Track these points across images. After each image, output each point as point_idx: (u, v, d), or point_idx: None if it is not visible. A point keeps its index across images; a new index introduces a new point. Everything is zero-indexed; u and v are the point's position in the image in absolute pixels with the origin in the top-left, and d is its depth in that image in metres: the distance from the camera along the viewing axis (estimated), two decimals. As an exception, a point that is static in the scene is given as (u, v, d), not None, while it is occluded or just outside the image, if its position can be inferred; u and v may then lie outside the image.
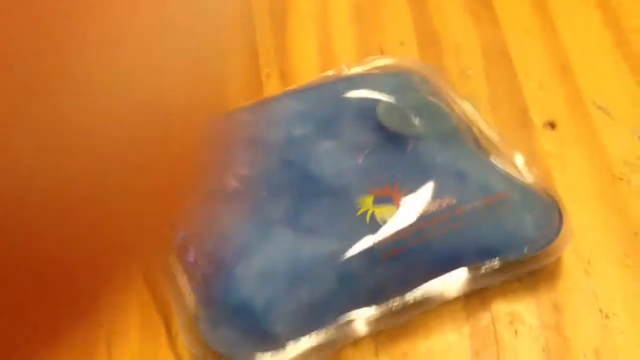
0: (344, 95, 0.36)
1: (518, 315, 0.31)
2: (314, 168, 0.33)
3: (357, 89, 0.37)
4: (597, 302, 0.31)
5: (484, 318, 0.31)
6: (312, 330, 0.29)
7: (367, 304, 0.30)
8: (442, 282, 0.31)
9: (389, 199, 0.31)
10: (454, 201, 0.31)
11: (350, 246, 0.30)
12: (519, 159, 0.35)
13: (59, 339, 0.12)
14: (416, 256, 0.30)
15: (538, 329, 0.31)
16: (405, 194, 0.32)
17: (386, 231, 0.30)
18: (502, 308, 0.31)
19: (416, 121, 0.35)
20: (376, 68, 0.40)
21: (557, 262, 0.32)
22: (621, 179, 0.36)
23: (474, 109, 0.37)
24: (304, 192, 0.32)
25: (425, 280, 0.31)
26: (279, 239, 0.30)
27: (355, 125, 0.35)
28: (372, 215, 0.31)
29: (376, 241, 0.30)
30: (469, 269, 0.31)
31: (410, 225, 0.31)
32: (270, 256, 0.30)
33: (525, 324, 0.31)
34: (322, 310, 0.29)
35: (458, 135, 0.35)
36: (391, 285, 0.30)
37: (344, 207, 0.31)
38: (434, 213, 0.31)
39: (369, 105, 0.36)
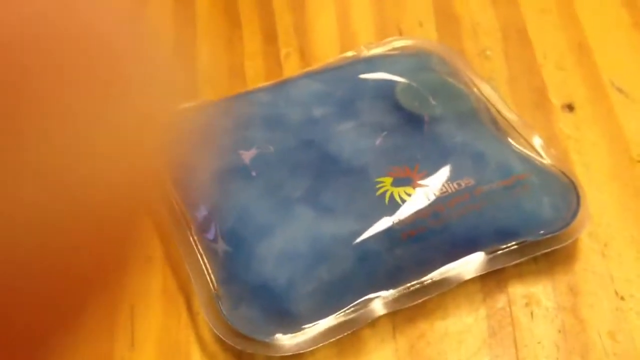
0: (362, 76, 0.37)
1: (534, 297, 0.31)
2: (333, 148, 0.33)
3: (376, 70, 0.37)
4: (613, 284, 0.32)
5: (501, 300, 0.31)
6: (332, 311, 0.29)
7: (386, 284, 0.30)
8: (459, 263, 0.31)
9: (408, 180, 0.32)
10: (473, 182, 0.32)
11: (369, 226, 0.30)
12: (537, 141, 0.35)
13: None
14: (435, 237, 0.31)
15: (554, 310, 0.31)
16: (425, 175, 0.32)
17: (405, 212, 0.31)
18: (518, 290, 0.32)
19: (435, 102, 0.35)
20: (395, 49, 0.40)
21: (574, 244, 0.33)
22: (639, 161, 0.36)
23: (492, 90, 0.37)
24: (323, 172, 0.32)
25: (443, 262, 0.31)
26: (299, 218, 0.30)
27: (374, 106, 0.35)
28: (392, 196, 0.31)
29: (395, 222, 0.30)
30: (486, 251, 0.31)
31: (429, 206, 0.31)
32: (291, 235, 0.30)
33: (541, 305, 0.31)
34: (342, 290, 0.30)
35: (476, 116, 0.35)
36: (409, 266, 0.31)
37: (364, 188, 0.31)
38: (452, 194, 0.31)
39: (388, 86, 0.36)
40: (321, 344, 0.29)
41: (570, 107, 0.38)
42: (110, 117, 0.11)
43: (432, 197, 0.31)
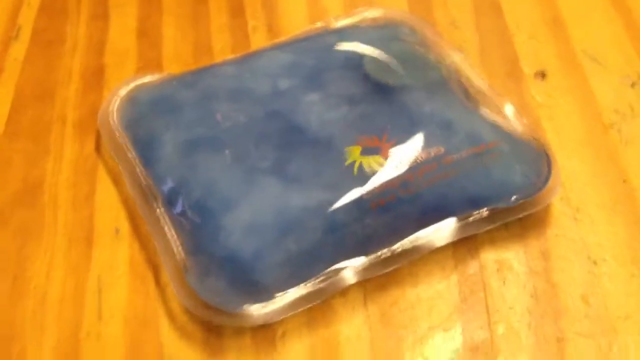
0: (331, 48, 0.36)
1: (506, 262, 0.31)
2: (300, 119, 0.32)
3: (345, 41, 0.36)
4: (586, 248, 0.31)
5: (472, 266, 0.31)
6: (301, 281, 0.29)
7: (356, 253, 0.30)
8: (430, 231, 0.31)
9: (377, 149, 0.31)
10: (442, 150, 0.31)
11: (338, 196, 0.30)
12: (508, 109, 0.35)
13: None
14: (405, 206, 0.30)
15: (526, 275, 0.31)
16: (393, 145, 0.31)
17: (374, 181, 0.30)
18: (490, 256, 0.31)
19: (403, 72, 0.35)
20: (364, 20, 0.39)
21: (546, 210, 0.32)
22: (611, 127, 0.36)
23: (463, 60, 0.37)
24: (290, 142, 0.32)
25: (414, 230, 0.31)
26: (266, 189, 0.30)
27: (343, 77, 0.35)
28: (360, 165, 0.31)
29: (364, 191, 0.30)
30: (458, 218, 0.31)
31: (399, 176, 0.31)
32: (257, 206, 0.30)
33: (513, 271, 0.31)
34: (311, 261, 0.29)
35: (446, 86, 0.35)
36: (380, 235, 0.30)
37: (332, 158, 0.31)
38: (422, 163, 0.31)
39: (357, 57, 0.35)
40: (291, 313, 0.29)
41: (542, 75, 0.38)
42: None
43: (401, 166, 0.31)
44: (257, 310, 0.28)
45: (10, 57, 0.40)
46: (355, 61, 0.35)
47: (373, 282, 0.30)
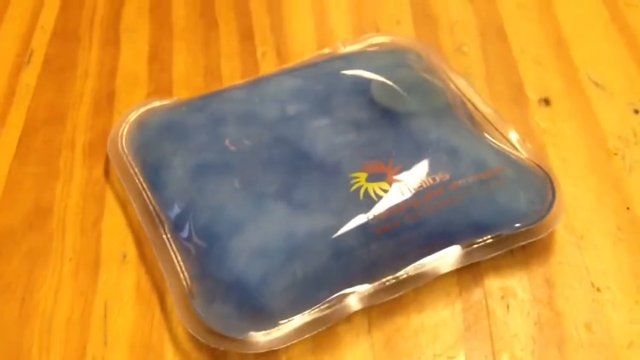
0: (338, 73, 0.37)
1: (510, 289, 0.31)
2: (307, 144, 0.33)
3: (352, 67, 0.37)
4: (589, 276, 0.32)
5: (476, 293, 0.31)
6: (306, 307, 0.29)
7: (361, 279, 0.30)
8: (435, 258, 0.31)
9: (383, 175, 0.32)
10: (448, 177, 0.32)
11: (344, 222, 0.30)
12: (513, 135, 0.35)
13: None
14: (410, 231, 0.31)
15: (530, 303, 0.31)
16: (399, 171, 0.32)
17: (380, 207, 0.31)
18: (494, 283, 0.31)
19: (410, 98, 0.35)
20: (372, 46, 0.40)
21: (550, 237, 0.33)
22: (615, 154, 0.36)
23: (468, 85, 0.37)
24: (297, 168, 0.32)
25: (419, 256, 0.31)
26: (273, 214, 0.30)
27: (350, 102, 0.35)
28: (366, 191, 0.31)
29: (370, 217, 0.30)
30: (462, 245, 0.31)
31: (404, 202, 0.31)
32: (264, 231, 0.30)
33: (517, 298, 0.31)
34: (317, 286, 0.30)
35: (452, 112, 0.35)
36: (385, 261, 0.30)
37: (338, 184, 0.31)
38: (427, 189, 0.31)
39: (364, 83, 0.36)
40: (296, 340, 0.29)
41: (546, 102, 0.38)
42: None
43: (407, 192, 0.31)
44: (262, 337, 0.29)
45: (22, 81, 0.41)
46: (362, 87, 0.36)
47: (377, 309, 0.30)
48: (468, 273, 0.32)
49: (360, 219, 0.30)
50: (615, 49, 0.41)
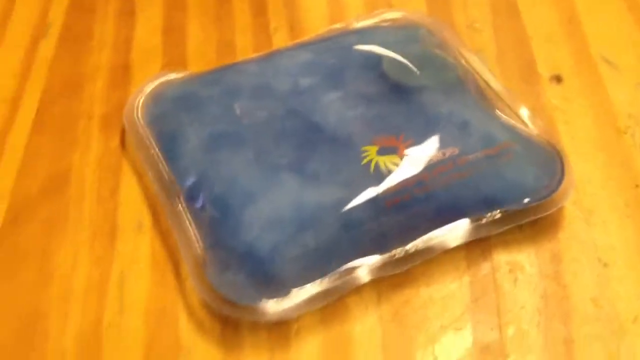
0: (350, 48, 0.37)
1: (518, 264, 0.32)
2: (319, 117, 0.33)
3: (364, 42, 0.37)
4: (597, 251, 0.32)
5: (484, 267, 0.32)
6: (317, 277, 0.30)
7: (371, 251, 0.31)
8: (444, 232, 0.31)
9: (394, 149, 0.32)
10: (457, 151, 0.32)
11: (354, 194, 0.31)
12: (524, 111, 0.35)
13: None
14: (419, 205, 0.31)
15: (537, 277, 0.31)
16: (410, 144, 0.32)
17: (390, 180, 0.31)
18: (502, 257, 0.32)
19: (421, 73, 0.35)
20: (384, 21, 0.40)
21: (559, 213, 0.33)
22: (625, 132, 0.36)
23: (480, 62, 0.38)
24: (309, 140, 0.32)
25: (428, 230, 0.31)
26: (285, 185, 0.31)
27: (362, 77, 0.35)
28: (377, 164, 0.31)
29: (380, 190, 0.31)
30: (471, 220, 0.31)
31: (414, 175, 0.31)
32: (276, 202, 0.30)
33: (525, 272, 0.31)
34: (327, 257, 0.30)
35: (463, 87, 0.35)
36: (394, 234, 0.31)
37: (349, 157, 0.32)
38: (437, 163, 0.32)
39: (376, 58, 0.36)
40: (306, 310, 0.30)
41: (558, 79, 0.39)
42: None
43: (417, 166, 0.31)
44: (274, 306, 0.29)
45: (40, 53, 0.41)
46: (374, 62, 0.36)
47: (387, 281, 0.31)
48: (476, 247, 0.32)
49: (370, 192, 0.31)
50: (626, 27, 0.41)
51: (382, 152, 0.32)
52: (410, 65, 0.36)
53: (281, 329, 0.30)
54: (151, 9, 0.43)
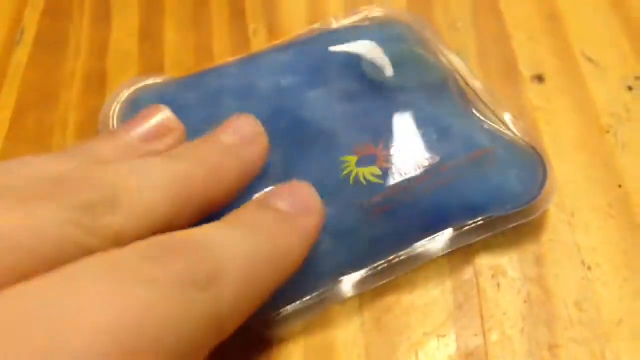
0: (330, 48, 0.36)
1: (500, 268, 0.31)
2: (305, 114, 0.33)
3: (344, 41, 0.37)
4: (580, 253, 0.32)
5: (467, 272, 0.31)
6: (300, 295, 0.29)
7: (353, 265, 0.30)
8: (427, 241, 0.31)
9: (373, 158, 0.31)
10: (438, 158, 0.32)
11: (334, 208, 0.30)
12: (505, 113, 0.35)
13: None
14: (401, 216, 0.30)
15: (520, 281, 0.31)
16: (389, 152, 0.32)
17: (370, 192, 0.31)
18: (485, 262, 0.32)
19: (402, 73, 0.35)
20: (364, 19, 0.40)
21: (541, 215, 0.33)
22: (608, 131, 0.36)
23: (461, 61, 0.37)
24: (297, 140, 0.32)
25: (412, 241, 0.31)
26: None
27: (342, 76, 0.35)
28: (356, 177, 0.31)
29: (360, 202, 0.30)
30: (454, 228, 0.31)
31: (394, 186, 0.31)
32: None
33: (508, 277, 0.31)
34: (309, 274, 0.30)
35: (445, 88, 0.35)
36: (376, 246, 0.30)
37: (330, 169, 0.31)
38: (418, 172, 0.31)
39: (355, 58, 0.36)
40: (288, 327, 0.29)
41: (540, 79, 0.38)
42: None
43: (397, 176, 0.31)
44: (258, 325, 0.29)
45: (13, 60, 0.40)
46: (354, 62, 0.35)
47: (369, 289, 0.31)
48: (459, 252, 0.32)
49: (350, 206, 0.30)
50: (608, 25, 0.41)
51: (361, 163, 0.31)
52: (391, 64, 0.35)
53: (262, 340, 0.30)
54: (127, 14, 0.43)
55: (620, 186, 0.34)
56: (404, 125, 0.33)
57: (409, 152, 0.32)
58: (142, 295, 0.18)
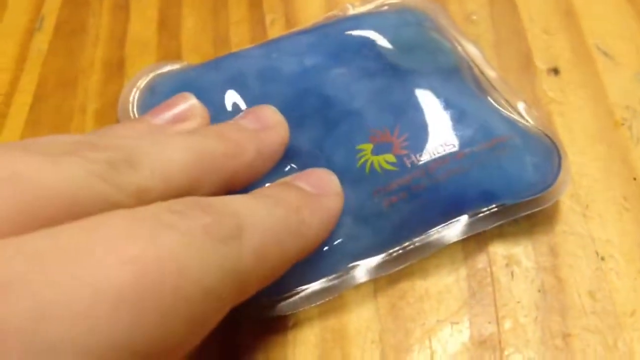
0: (347, 33, 0.36)
1: (515, 257, 0.32)
2: (330, 91, 0.33)
3: (361, 26, 0.37)
4: (594, 244, 0.32)
5: (481, 260, 0.32)
6: (317, 277, 0.30)
7: (369, 251, 0.30)
8: (441, 228, 0.31)
9: (389, 146, 0.32)
10: (454, 145, 0.32)
11: (351, 195, 0.30)
12: (520, 103, 0.35)
13: None
14: (416, 203, 0.31)
15: (534, 271, 0.31)
16: (405, 140, 0.32)
17: (385, 180, 0.31)
18: (499, 251, 0.32)
19: (418, 58, 0.35)
20: (381, 6, 0.40)
21: (555, 206, 0.33)
22: (622, 124, 0.36)
23: (477, 50, 0.37)
24: (320, 122, 0.32)
25: (426, 227, 0.31)
26: None
27: (360, 59, 0.35)
28: (372, 165, 0.31)
29: (376, 190, 0.30)
30: (468, 215, 0.31)
31: (410, 173, 0.31)
32: None
33: (522, 266, 0.31)
34: (325, 258, 0.30)
35: (459, 75, 0.35)
36: (391, 233, 0.31)
37: (347, 159, 0.31)
38: (434, 159, 0.31)
39: (372, 41, 0.36)
40: (303, 308, 0.29)
41: (555, 71, 0.38)
42: None
43: (413, 164, 0.31)
44: (274, 302, 0.29)
45: (34, 47, 0.41)
46: (371, 47, 0.35)
47: (383, 276, 0.31)
48: (473, 241, 0.32)
49: (366, 193, 0.31)
50: (623, 18, 0.41)
51: (377, 150, 0.31)
52: (407, 49, 0.35)
53: (278, 323, 0.30)
54: (146, 3, 0.43)
55: (635, 179, 0.34)
56: (421, 110, 0.33)
57: (424, 140, 0.32)
58: (164, 238, 0.19)
